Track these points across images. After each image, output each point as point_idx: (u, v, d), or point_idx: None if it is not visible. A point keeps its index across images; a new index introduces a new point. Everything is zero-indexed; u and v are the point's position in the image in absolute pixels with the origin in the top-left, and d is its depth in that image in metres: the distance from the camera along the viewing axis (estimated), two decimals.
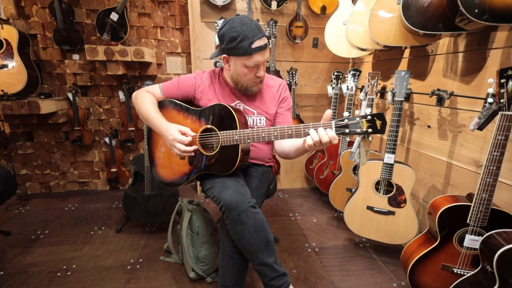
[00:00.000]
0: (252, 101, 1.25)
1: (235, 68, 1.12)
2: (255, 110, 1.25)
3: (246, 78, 1.12)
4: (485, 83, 1.19)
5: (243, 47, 1.02)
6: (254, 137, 1.01)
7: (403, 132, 1.71)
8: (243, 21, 1.04)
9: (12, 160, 2.27)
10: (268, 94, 1.27)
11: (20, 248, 1.64)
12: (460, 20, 1.04)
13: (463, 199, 1.10)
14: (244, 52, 1.03)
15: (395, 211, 1.47)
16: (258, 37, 1.03)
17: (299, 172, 2.57)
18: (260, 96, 1.26)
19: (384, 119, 0.83)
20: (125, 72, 2.12)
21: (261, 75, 1.13)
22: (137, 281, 1.39)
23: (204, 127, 1.12)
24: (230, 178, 1.10)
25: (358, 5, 1.63)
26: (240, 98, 1.25)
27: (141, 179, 1.79)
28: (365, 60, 2.15)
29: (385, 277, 1.45)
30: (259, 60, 1.06)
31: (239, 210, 1.00)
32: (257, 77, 1.13)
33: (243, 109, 1.24)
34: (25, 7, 2.04)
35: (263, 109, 1.25)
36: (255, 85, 1.17)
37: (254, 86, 1.18)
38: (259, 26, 1.06)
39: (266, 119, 1.25)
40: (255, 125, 1.24)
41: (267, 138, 0.99)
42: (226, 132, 1.05)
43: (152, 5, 2.17)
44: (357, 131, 0.86)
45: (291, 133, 0.94)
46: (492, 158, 0.94)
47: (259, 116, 1.25)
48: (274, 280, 1.03)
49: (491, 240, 0.88)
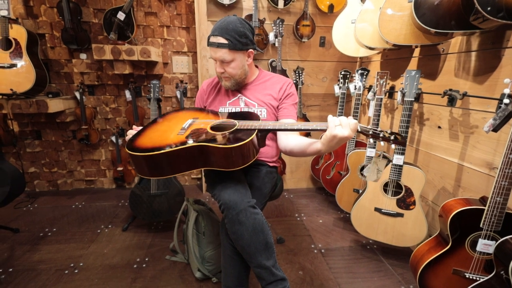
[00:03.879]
0: (253, 94, 1.28)
1: None
2: (256, 102, 1.26)
3: (216, 69, 1.20)
4: (499, 83, 1.15)
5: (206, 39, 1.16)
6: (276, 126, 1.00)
7: (413, 133, 1.68)
8: (222, 19, 1.13)
9: (21, 158, 2.30)
10: (270, 88, 1.28)
11: (28, 245, 1.66)
12: (475, 18, 1.01)
13: (476, 202, 1.07)
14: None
15: (404, 213, 1.45)
16: (213, 33, 1.11)
17: (305, 172, 2.55)
18: (261, 89, 1.28)
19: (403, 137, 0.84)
20: (131, 71, 2.12)
21: (218, 71, 1.18)
22: (143, 280, 1.40)
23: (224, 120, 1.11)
24: (231, 178, 1.09)
25: (367, 4, 1.61)
26: (242, 91, 1.29)
27: (147, 178, 1.79)
28: (373, 59, 2.12)
29: (393, 280, 1.43)
30: (212, 54, 1.15)
31: (237, 209, 0.98)
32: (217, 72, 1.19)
33: (244, 102, 1.27)
34: (33, 6, 2.06)
35: (263, 100, 1.26)
36: (223, 79, 1.22)
37: (222, 80, 1.23)
38: (226, 26, 1.10)
39: (267, 110, 1.26)
40: None
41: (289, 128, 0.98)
42: (244, 122, 1.04)
43: (158, 4, 2.17)
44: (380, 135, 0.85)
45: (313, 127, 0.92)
46: (507, 161, 0.92)
47: (260, 108, 1.26)
48: (272, 284, 1.00)
49: (506, 245, 0.86)
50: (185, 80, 2.34)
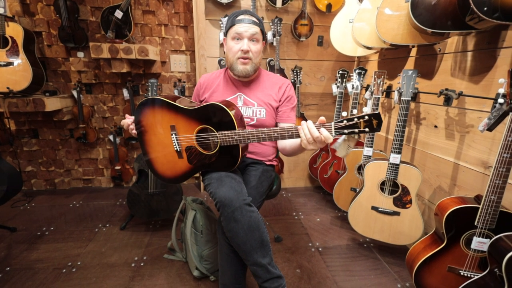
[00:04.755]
0: (253, 93, 1.27)
1: (226, 45, 1.21)
2: (255, 101, 1.25)
3: (231, 52, 1.18)
4: (494, 83, 1.17)
5: (231, 20, 1.17)
6: (255, 138, 1.00)
7: (409, 132, 1.69)
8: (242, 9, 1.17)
9: (18, 157, 2.29)
10: (270, 87, 1.28)
11: (25, 244, 1.66)
12: (471, 19, 1.02)
13: (470, 200, 1.08)
14: (230, 24, 1.17)
15: (400, 212, 1.46)
16: (244, 13, 1.16)
17: (302, 171, 2.56)
18: (261, 88, 1.28)
19: (380, 118, 0.85)
20: (129, 70, 2.12)
21: (244, 48, 1.15)
22: (141, 279, 1.40)
23: (199, 127, 1.09)
24: (227, 175, 1.09)
25: (364, 3, 1.61)
26: (241, 89, 1.28)
27: (145, 177, 1.79)
28: (371, 58, 2.13)
29: (389, 278, 1.44)
30: (239, 29, 1.14)
31: (233, 207, 0.98)
32: (241, 51, 1.16)
33: (243, 100, 1.26)
34: (30, 4, 2.05)
35: (263, 100, 1.25)
36: (241, 63, 1.18)
37: (239, 64, 1.19)
38: (253, 13, 1.18)
39: (267, 110, 1.25)
40: (255, 116, 1.25)
41: (267, 139, 0.99)
42: (224, 133, 1.03)
43: (156, 2, 2.16)
44: (355, 131, 0.88)
45: (292, 134, 0.95)
46: (501, 160, 0.93)
47: (259, 107, 1.25)
48: (268, 282, 1.01)
49: (500, 243, 0.87)
50: (183, 79, 2.33)
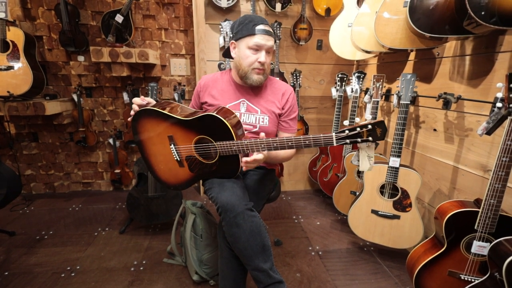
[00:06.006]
0: (257, 100, 1.25)
1: (239, 51, 1.16)
2: (259, 108, 1.24)
3: (247, 61, 1.14)
4: (492, 87, 1.17)
5: (247, 28, 1.11)
6: (254, 148, 1.01)
7: (409, 135, 1.69)
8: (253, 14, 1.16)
9: (17, 161, 2.29)
10: (274, 94, 1.27)
11: (24, 248, 1.65)
12: (468, 24, 1.03)
13: (470, 204, 1.08)
14: (247, 32, 1.11)
15: (400, 215, 1.46)
16: (263, 22, 1.11)
17: (302, 174, 2.56)
18: (264, 95, 1.26)
19: (384, 127, 0.85)
20: (129, 74, 2.12)
21: (262, 60, 1.13)
22: (140, 283, 1.39)
23: (197, 137, 1.08)
24: (229, 180, 1.10)
25: (363, 7, 1.62)
26: (245, 96, 1.25)
27: (145, 181, 1.79)
28: (370, 62, 2.14)
29: (389, 282, 1.43)
30: (260, 41, 1.11)
31: (235, 212, 0.98)
32: (258, 63, 1.13)
33: (246, 107, 1.24)
34: (31, 9, 2.06)
35: (267, 107, 1.24)
36: (256, 73, 1.16)
37: (254, 74, 1.16)
38: (268, 22, 1.15)
39: (270, 118, 1.24)
40: (257, 124, 1.24)
41: (266, 149, 1.00)
42: (223, 143, 1.03)
43: (156, 7, 2.18)
44: (358, 141, 0.88)
45: (291, 144, 0.96)
46: (500, 164, 0.93)
47: (263, 115, 1.24)
48: (269, 287, 1.00)
49: (500, 247, 0.87)
50: (183, 83, 2.34)
